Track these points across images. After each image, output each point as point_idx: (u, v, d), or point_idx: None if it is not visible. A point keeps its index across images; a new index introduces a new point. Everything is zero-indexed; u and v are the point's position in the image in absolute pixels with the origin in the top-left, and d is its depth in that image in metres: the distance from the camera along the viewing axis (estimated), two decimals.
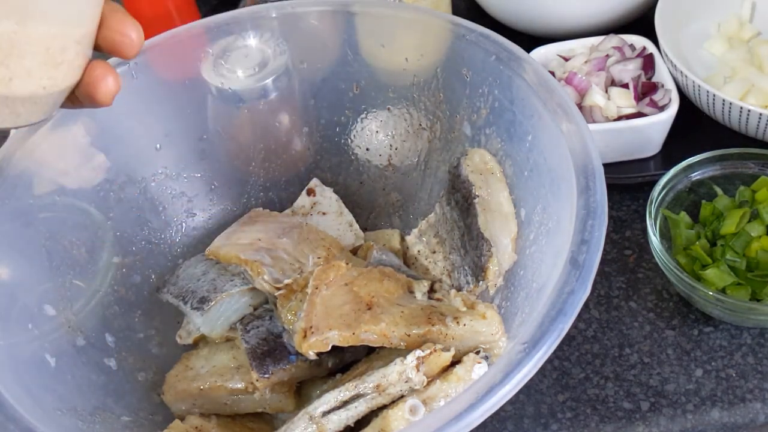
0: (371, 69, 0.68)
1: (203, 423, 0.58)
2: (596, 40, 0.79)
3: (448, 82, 0.64)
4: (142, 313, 0.65)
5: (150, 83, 0.66)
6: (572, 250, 0.46)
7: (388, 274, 0.57)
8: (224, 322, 0.61)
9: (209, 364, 0.61)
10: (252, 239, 0.63)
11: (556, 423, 0.59)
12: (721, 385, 0.59)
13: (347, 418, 0.52)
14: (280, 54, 0.68)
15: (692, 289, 0.60)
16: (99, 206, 0.64)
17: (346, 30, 0.67)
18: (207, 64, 0.67)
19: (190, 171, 0.69)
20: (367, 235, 0.69)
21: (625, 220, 0.71)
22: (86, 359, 0.58)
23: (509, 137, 0.59)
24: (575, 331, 0.64)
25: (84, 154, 0.64)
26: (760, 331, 0.62)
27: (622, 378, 0.61)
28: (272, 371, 0.57)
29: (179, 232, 0.69)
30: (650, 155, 0.73)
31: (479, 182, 0.59)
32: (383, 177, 0.70)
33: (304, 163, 0.72)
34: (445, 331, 0.52)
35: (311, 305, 0.54)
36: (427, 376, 0.51)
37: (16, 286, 0.57)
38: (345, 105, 0.69)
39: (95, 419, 0.54)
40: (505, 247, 0.57)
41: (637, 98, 0.72)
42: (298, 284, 0.61)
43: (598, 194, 0.48)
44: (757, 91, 0.73)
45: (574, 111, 0.53)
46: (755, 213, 0.63)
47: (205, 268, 0.64)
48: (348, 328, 0.52)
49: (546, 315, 0.43)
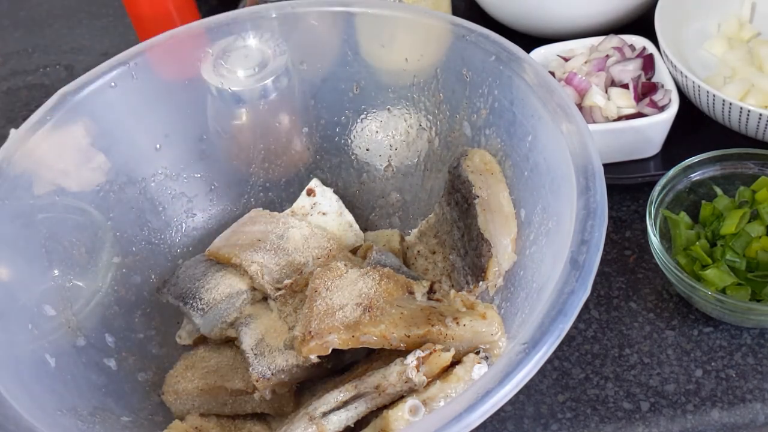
0: (371, 69, 0.68)
1: (203, 423, 0.59)
2: (596, 41, 0.79)
3: (447, 82, 0.64)
4: (142, 314, 0.65)
5: (150, 83, 0.66)
6: (572, 250, 0.46)
7: (388, 275, 0.57)
8: (224, 322, 0.61)
9: (209, 365, 0.61)
10: (252, 239, 0.63)
11: (556, 423, 0.59)
12: (721, 386, 0.59)
13: (347, 419, 0.52)
14: (280, 54, 0.68)
15: (692, 290, 0.60)
16: (99, 206, 0.64)
17: (346, 30, 0.67)
18: (207, 64, 0.67)
19: (189, 171, 0.69)
20: (367, 235, 0.69)
21: (625, 220, 0.71)
22: (86, 359, 0.58)
23: (509, 137, 0.59)
24: (575, 331, 0.64)
25: (84, 155, 0.64)
26: (760, 331, 0.62)
27: (622, 378, 0.61)
28: (272, 372, 0.57)
29: (179, 233, 0.69)
30: (650, 155, 0.73)
31: (479, 182, 0.59)
32: (383, 177, 0.70)
33: (304, 163, 0.72)
34: (444, 332, 0.52)
35: (310, 309, 0.54)
36: (427, 377, 0.51)
37: (16, 286, 0.57)
38: (345, 105, 0.69)
39: (95, 419, 0.54)
40: (505, 248, 0.57)
41: (637, 98, 0.72)
42: (298, 284, 0.61)
43: (598, 194, 0.48)
44: (757, 91, 0.73)
45: (574, 111, 0.53)
46: (755, 213, 0.63)
47: (205, 268, 0.64)
48: (348, 330, 0.52)
49: (546, 315, 0.43)
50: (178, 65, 0.68)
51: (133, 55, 0.65)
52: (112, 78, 0.64)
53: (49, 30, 1.08)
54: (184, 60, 0.68)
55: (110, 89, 0.64)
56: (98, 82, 0.64)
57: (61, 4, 1.13)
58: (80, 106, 0.63)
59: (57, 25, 1.09)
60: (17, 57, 1.05)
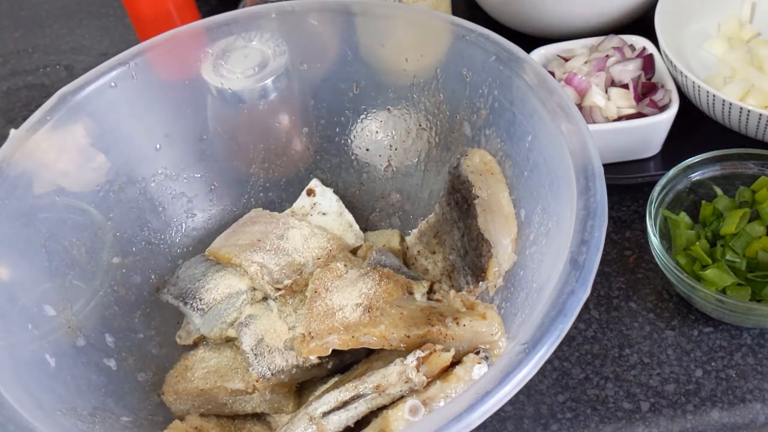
0: (371, 69, 0.68)
1: (203, 423, 0.59)
2: (596, 41, 0.79)
3: (447, 82, 0.64)
4: (142, 314, 0.65)
5: (150, 83, 0.66)
6: (572, 250, 0.46)
7: (388, 276, 0.57)
8: (224, 322, 0.61)
9: (209, 365, 0.61)
10: (252, 240, 0.63)
11: (556, 423, 0.59)
12: (721, 386, 0.59)
13: (347, 419, 0.52)
14: (280, 54, 0.68)
15: (692, 290, 0.60)
16: (99, 206, 0.64)
17: (346, 30, 0.67)
18: (207, 64, 0.67)
19: (189, 171, 0.69)
20: (367, 235, 0.69)
21: (625, 220, 0.71)
22: (86, 359, 0.58)
23: (509, 138, 0.59)
24: (575, 331, 0.64)
25: (84, 155, 0.64)
26: (760, 331, 0.62)
27: (622, 378, 0.61)
28: (272, 372, 0.57)
29: (179, 233, 0.69)
30: (650, 155, 0.73)
31: (479, 183, 0.59)
32: (383, 177, 0.70)
33: (304, 163, 0.72)
34: (444, 332, 0.52)
35: (310, 310, 0.54)
36: (427, 377, 0.51)
37: (16, 286, 0.57)
38: (345, 105, 0.69)
39: (95, 419, 0.54)
40: (505, 248, 0.57)
41: (637, 99, 0.72)
42: (298, 285, 0.61)
43: (598, 195, 0.48)
44: (757, 91, 0.73)
45: (574, 111, 0.53)
46: (755, 213, 0.63)
47: (205, 268, 0.64)
48: (348, 331, 0.52)
49: (546, 315, 0.43)
50: (178, 65, 0.68)
51: (133, 55, 0.65)
52: (112, 78, 0.64)
53: (49, 30, 1.08)
54: (184, 60, 0.68)
55: (110, 89, 0.64)
56: (98, 82, 0.64)
57: (61, 4, 1.13)
58: (80, 106, 0.63)
59: (57, 25, 1.09)
60: (17, 57, 1.05)
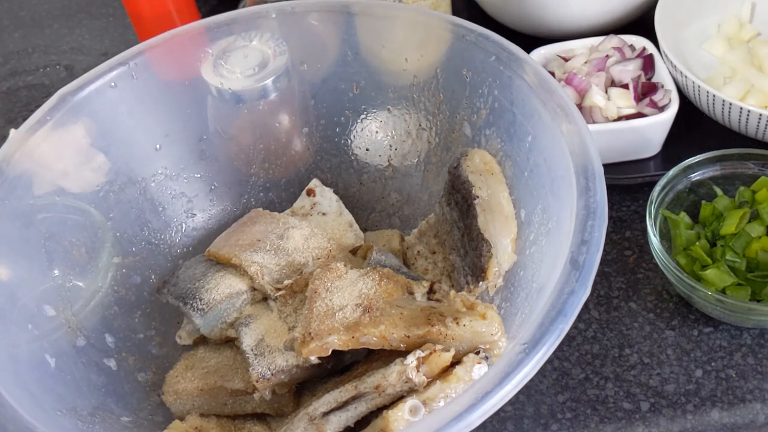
0: (371, 69, 0.68)
1: (203, 423, 0.59)
2: (596, 41, 0.79)
3: (447, 82, 0.64)
4: (142, 314, 0.65)
5: (150, 83, 0.66)
6: (572, 250, 0.46)
7: (388, 276, 0.57)
8: (224, 322, 0.61)
9: (209, 365, 0.61)
10: (252, 240, 0.63)
11: (556, 423, 0.59)
12: (721, 386, 0.59)
13: (347, 419, 0.52)
14: (280, 54, 0.68)
15: (692, 290, 0.60)
16: (99, 206, 0.64)
17: (346, 30, 0.67)
18: (207, 64, 0.67)
19: (189, 171, 0.69)
20: (367, 235, 0.69)
21: (625, 220, 0.71)
22: (86, 359, 0.58)
23: (509, 138, 0.59)
24: (575, 331, 0.64)
25: (84, 155, 0.64)
26: (760, 331, 0.62)
27: (622, 378, 0.61)
28: (272, 372, 0.57)
29: (179, 233, 0.69)
30: (650, 156, 0.73)
31: (479, 183, 0.59)
32: (383, 177, 0.70)
33: (304, 163, 0.72)
34: (444, 332, 0.52)
35: (310, 310, 0.54)
36: (427, 377, 0.51)
37: (16, 286, 0.57)
38: (345, 105, 0.69)
39: (95, 419, 0.54)
40: (505, 248, 0.57)
41: (637, 99, 0.72)
42: (298, 285, 0.61)
43: (598, 195, 0.48)
44: (757, 91, 0.73)
45: (574, 111, 0.53)
46: (755, 213, 0.63)
47: (205, 268, 0.63)
48: (348, 331, 0.52)
49: (546, 315, 0.43)
50: (178, 65, 0.68)
51: (133, 55, 0.65)
52: (112, 78, 0.64)
53: (49, 30, 1.08)
54: (184, 60, 0.68)
55: (110, 89, 0.64)
56: (98, 82, 0.64)
57: (61, 4, 1.13)
58: (80, 106, 0.63)
59: (57, 25, 1.09)
60: (17, 57, 1.05)
